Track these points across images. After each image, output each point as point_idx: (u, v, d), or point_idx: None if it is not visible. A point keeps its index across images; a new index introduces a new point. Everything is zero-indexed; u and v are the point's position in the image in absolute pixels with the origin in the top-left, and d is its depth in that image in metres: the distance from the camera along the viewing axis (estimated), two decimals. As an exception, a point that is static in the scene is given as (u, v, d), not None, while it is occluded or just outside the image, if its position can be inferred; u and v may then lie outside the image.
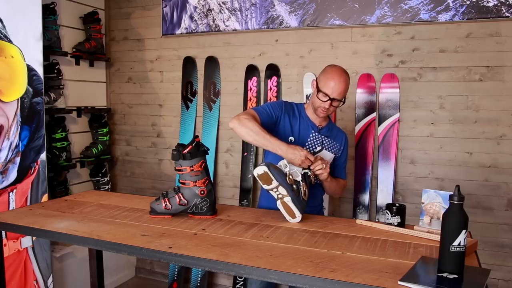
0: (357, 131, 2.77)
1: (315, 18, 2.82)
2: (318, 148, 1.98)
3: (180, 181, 1.75)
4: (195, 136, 1.76)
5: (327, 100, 1.88)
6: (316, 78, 1.96)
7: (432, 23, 2.56)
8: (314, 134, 1.99)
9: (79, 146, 3.26)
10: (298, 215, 1.68)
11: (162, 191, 1.79)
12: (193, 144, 1.71)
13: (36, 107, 2.50)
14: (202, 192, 1.73)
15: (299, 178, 1.72)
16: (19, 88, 2.40)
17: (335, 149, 2.03)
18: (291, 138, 1.97)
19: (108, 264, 2.44)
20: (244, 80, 3.05)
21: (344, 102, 1.95)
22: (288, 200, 1.67)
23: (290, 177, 1.68)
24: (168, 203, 1.73)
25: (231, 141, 3.14)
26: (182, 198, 1.72)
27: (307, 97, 2.86)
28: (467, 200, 1.92)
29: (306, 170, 1.77)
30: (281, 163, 1.73)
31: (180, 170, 1.72)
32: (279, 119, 1.96)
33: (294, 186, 1.69)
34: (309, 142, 1.98)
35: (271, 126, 1.91)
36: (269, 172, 1.64)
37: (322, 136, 2.00)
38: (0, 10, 2.28)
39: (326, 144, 2.00)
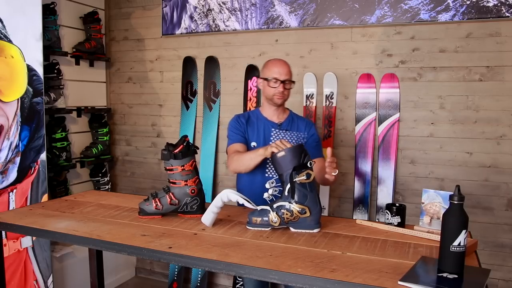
0: (357, 131, 2.77)
1: (315, 18, 2.81)
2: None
3: (170, 180, 1.75)
4: (184, 136, 1.76)
5: (279, 85, 2.00)
6: (260, 76, 2.11)
7: (432, 23, 2.56)
8: (275, 132, 2.07)
9: (79, 146, 3.26)
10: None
11: (151, 192, 1.80)
12: (184, 144, 1.71)
13: (36, 107, 2.50)
14: (192, 191, 1.74)
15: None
16: (19, 88, 2.40)
17: (297, 140, 2.08)
18: (254, 143, 2.05)
19: (108, 264, 2.44)
20: (244, 80, 3.05)
21: (294, 82, 2.09)
22: None
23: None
24: (159, 203, 1.73)
25: (231, 141, 3.14)
26: (172, 197, 1.73)
27: (307, 97, 2.86)
28: (467, 200, 1.92)
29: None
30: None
31: (171, 170, 1.73)
32: (246, 134, 2.07)
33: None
34: (272, 141, 2.04)
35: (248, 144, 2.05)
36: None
37: (283, 131, 2.08)
38: (0, 10, 2.28)
39: (287, 138, 2.06)
